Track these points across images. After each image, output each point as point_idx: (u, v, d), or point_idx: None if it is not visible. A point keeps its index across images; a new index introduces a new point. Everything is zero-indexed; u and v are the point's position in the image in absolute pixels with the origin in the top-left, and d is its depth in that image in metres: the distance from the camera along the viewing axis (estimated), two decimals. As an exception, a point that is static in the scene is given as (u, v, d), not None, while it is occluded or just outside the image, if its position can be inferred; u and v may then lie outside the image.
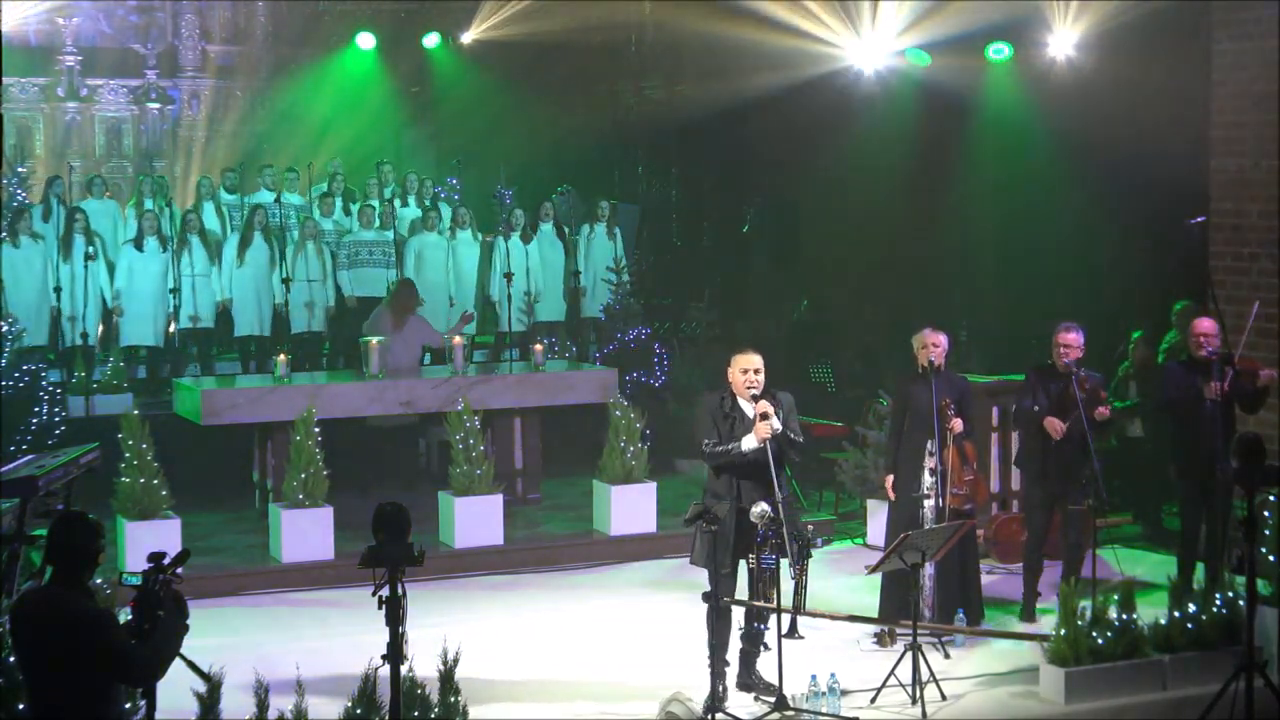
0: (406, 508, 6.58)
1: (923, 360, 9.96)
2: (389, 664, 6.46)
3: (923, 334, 10.06)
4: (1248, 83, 11.97)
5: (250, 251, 14.96)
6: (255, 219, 15.03)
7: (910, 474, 9.93)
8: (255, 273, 14.99)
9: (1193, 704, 8.46)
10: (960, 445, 9.89)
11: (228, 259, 14.98)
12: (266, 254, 15.01)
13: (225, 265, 14.99)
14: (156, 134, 19.32)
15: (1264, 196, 11.89)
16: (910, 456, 9.95)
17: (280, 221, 15.72)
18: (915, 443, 9.91)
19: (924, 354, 9.97)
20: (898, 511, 10.02)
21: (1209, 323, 10.25)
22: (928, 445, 9.79)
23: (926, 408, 9.78)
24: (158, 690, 5.98)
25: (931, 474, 9.78)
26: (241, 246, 14.96)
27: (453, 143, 19.35)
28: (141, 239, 14.73)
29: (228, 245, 15.10)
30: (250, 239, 14.97)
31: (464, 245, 15.65)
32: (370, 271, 15.25)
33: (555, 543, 12.29)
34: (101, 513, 9.77)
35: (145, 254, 14.70)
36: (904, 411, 10.08)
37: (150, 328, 14.80)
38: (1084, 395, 10.05)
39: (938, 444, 9.75)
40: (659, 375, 15.08)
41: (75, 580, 5.82)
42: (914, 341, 10.11)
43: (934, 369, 9.89)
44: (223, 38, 20.08)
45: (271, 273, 15.04)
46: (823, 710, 8.39)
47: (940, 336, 10.05)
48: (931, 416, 9.75)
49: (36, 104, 18.90)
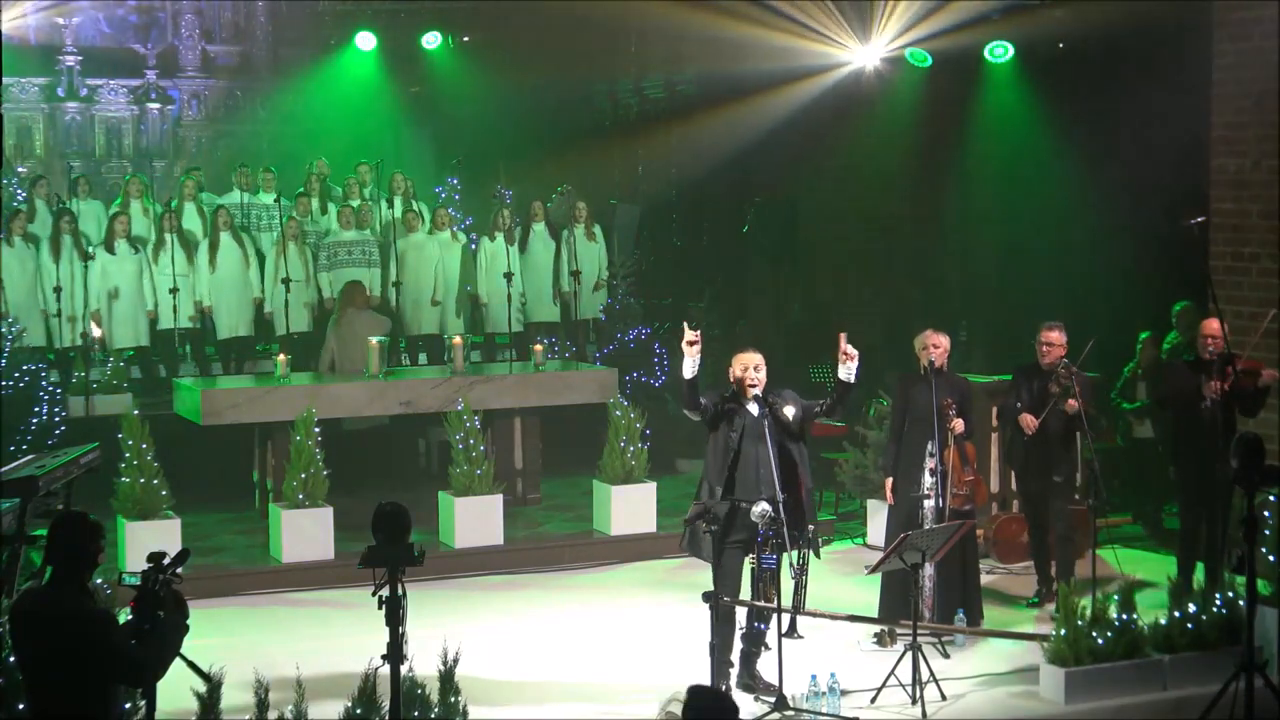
0: (406, 508, 6.59)
1: (924, 361, 9.97)
2: (389, 664, 6.46)
3: (924, 335, 10.08)
4: (1248, 83, 11.97)
5: (221, 254, 14.88)
6: (220, 221, 14.95)
7: (910, 474, 9.94)
8: (230, 274, 14.91)
9: (1193, 704, 8.46)
10: (961, 446, 9.91)
11: (200, 265, 14.90)
12: (238, 254, 14.91)
13: (199, 271, 14.91)
14: (156, 134, 19.32)
15: (1264, 196, 11.88)
16: (910, 457, 9.96)
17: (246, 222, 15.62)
18: (915, 443, 9.92)
19: (925, 355, 9.98)
20: (897, 511, 10.03)
21: (1217, 324, 10.27)
22: (928, 446, 9.80)
23: (927, 408, 9.79)
24: (158, 690, 5.98)
25: (932, 474, 9.79)
26: (211, 250, 14.89)
27: (453, 143, 19.34)
28: (112, 241, 14.60)
29: (199, 251, 14.99)
30: (217, 242, 14.89)
31: (445, 246, 15.52)
32: (350, 272, 15.14)
33: (555, 543, 12.29)
34: (101, 513, 9.79)
35: (117, 256, 14.60)
36: (904, 412, 10.10)
37: (131, 329, 14.71)
38: (1060, 390, 10.22)
39: (938, 445, 9.76)
40: (659, 375, 15.07)
41: (75, 580, 5.82)
42: (915, 342, 10.13)
43: (934, 370, 9.90)
44: (223, 38, 20.08)
45: (246, 272, 14.97)
46: (823, 710, 8.40)
47: (942, 338, 10.07)
48: (932, 417, 9.76)
49: (36, 104, 18.90)
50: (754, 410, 8.69)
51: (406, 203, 16.14)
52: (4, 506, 7.40)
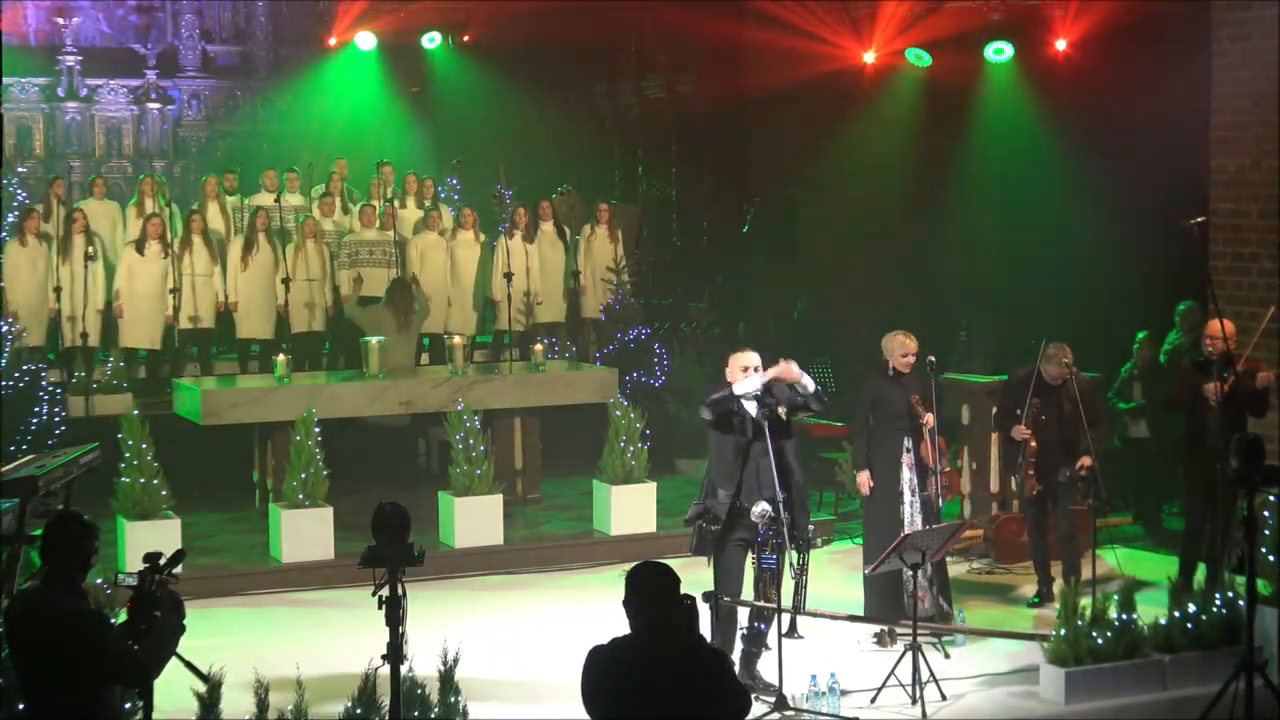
0: (406, 508, 6.58)
1: (898, 366, 9.97)
2: (389, 664, 6.46)
3: (897, 337, 10.07)
4: (1248, 83, 11.96)
5: (254, 254, 14.93)
6: (258, 221, 15.01)
7: (888, 474, 9.97)
8: (260, 275, 14.94)
9: (1193, 704, 8.46)
10: (934, 439, 9.99)
11: (233, 261, 14.93)
12: (270, 256, 14.96)
13: (230, 267, 14.94)
14: (156, 134, 19.32)
15: (1264, 196, 11.88)
16: (886, 456, 10.00)
17: (280, 224, 15.68)
18: (890, 442, 9.97)
19: (900, 360, 9.97)
20: (877, 511, 10.04)
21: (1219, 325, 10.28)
22: (904, 442, 9.85)
23: (899, 405, 9.90)
24: (157, 690, 5.98)
25: (910, 469, 9.85)
26: (245, 249, 14.93)
27: (453, 143, 19.35)
28: (144, 242, 14.68)
29: (232, 247, 15.05)
30: (254, 241, 14.94)
31: (464, 246, 15.61)
32: (371, 271, 15.21)
33: (555, 543, 12.29)
34: (101, 513, 9.80)
35: (145, 257, 14.65)
36: (870, 408, 10.11)
37: (148, 331, 14.74)
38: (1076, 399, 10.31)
39: (913, 440, 9.82)
40: (659, 375, 15.08)
41: (69, 581, 5.81)
42: (886, 344, 10.09)
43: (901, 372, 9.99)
44: (223, 38, 20.09)
45: (275, 275, 15.01)
46: (823, 710, 8.40)
47: (914, 342, 10.09)
48: (905, 414, 9.88)
49: (36, 104, 18.91)
50: (753, 410, 8.69)
51: (421, 202, 16.22)
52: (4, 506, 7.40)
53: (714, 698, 5.33)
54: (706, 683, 5.33)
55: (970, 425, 12.34)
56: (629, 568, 5.56)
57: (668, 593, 5.41)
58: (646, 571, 5.49)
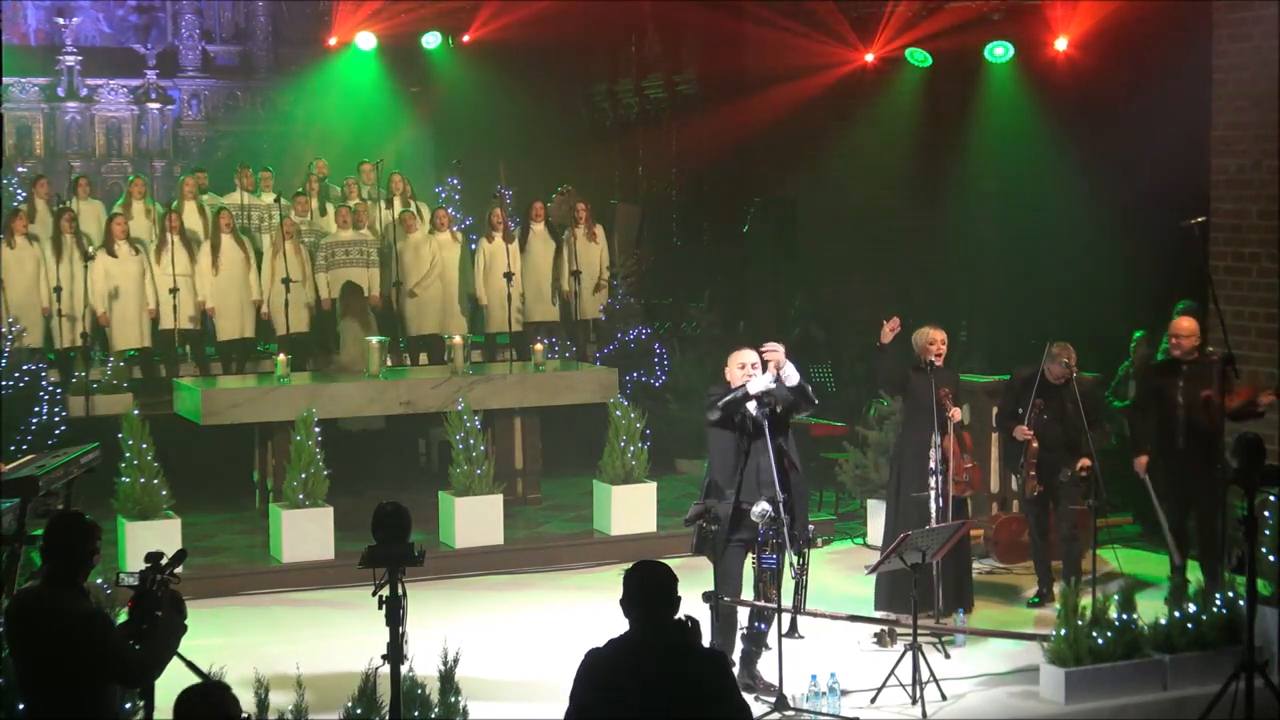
0: (406, 508, 6.58)
1: (928, 358, 10.06)
2: (389, 664, 6.46)
3: (927, 331, 10.21)
4: (1248, 83, 11.96)
5: (222, 256, 14.86)
6: (221, 222, 14.94)
7: (916, 472, 9.99)
8: (232, 275, 14.89)
9: (1193, 704, 8.46)
10: (959, 434, 10.04)
11: (203, 267, 14.87)
12: (239, 256, 14.90)
13: (202, 272, 14.88)
14: (156, 134, 19.33)
15: (1264, 196, 11.88)
16: (915, 454, 10.03)
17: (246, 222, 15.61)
18: (920, 439, 9.98)
19: (929, 351, 10.07)
20: (904, 509, 10.06)
21: (1187, 323, 10.40)
22: (933, 438, 9.86)
23: (927, 400, 9.89)
24: (157, 690, 5.98)
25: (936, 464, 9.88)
26: (213, 252, 14.88)
27: (453, 143, 19.34)
28: (112, 243, 14.57)
29: (201, 252, 14.94)
30: (219, 243, 14.88)
31: (443, 247, 15.50)
32: (348, 272, 15.09)
33: (555, 543, 12.29)
34: (101, 513, 9.79)
35: (119, 258, 14.57)
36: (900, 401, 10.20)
37: (134, 329, 14.70)
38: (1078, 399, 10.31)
39: (939, 434, 9.88)
40: (659, 375, 15.07)
41: (70, 581, 5.82)
42: (916, 338, 10.18)
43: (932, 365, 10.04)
44: (223, 38, 20.11)
45: (247, 274, 14.95)
46: (823, 710, 8.40)
47: (940, 333, 10.24)
48: (932, 408, 9.90)
49: (36, 104, 18.91)
50: (753, 410, 8.68)
51: (405, 203, 16.13)
52: (4, 506, 7.40)
53: (712, 699, 5.33)
54: (704, 684, 5.32)
55: (970, 425, 12.33)
56: (627, 567, 5.57)
57: (666, 592, 5.41)
58: (644, 570, 5.49)
